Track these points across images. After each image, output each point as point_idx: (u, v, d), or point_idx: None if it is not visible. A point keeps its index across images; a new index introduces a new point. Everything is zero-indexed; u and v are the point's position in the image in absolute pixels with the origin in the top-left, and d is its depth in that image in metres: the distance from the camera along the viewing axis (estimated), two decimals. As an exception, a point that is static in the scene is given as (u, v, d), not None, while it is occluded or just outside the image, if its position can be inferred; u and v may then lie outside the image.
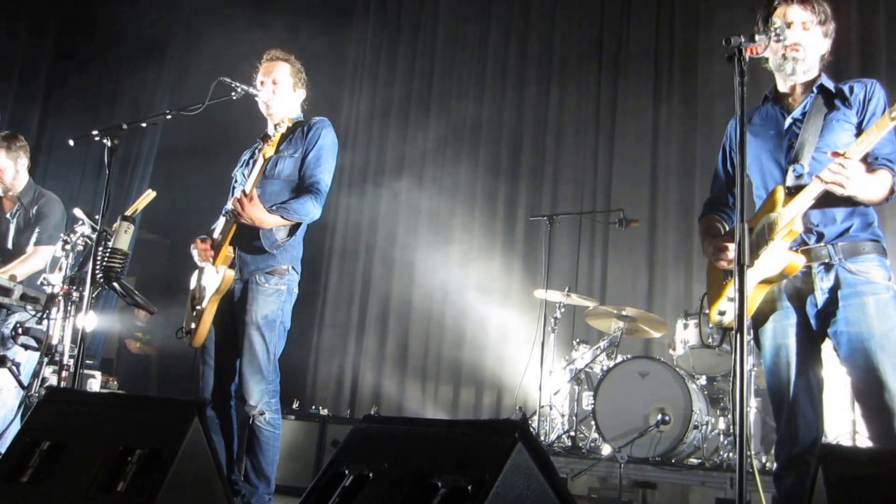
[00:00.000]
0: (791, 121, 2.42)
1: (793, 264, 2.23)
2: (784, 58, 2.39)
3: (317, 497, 1.94)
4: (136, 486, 1.99)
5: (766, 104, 2.53)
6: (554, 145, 6.85)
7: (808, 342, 2.33)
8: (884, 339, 2.18)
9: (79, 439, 2.17)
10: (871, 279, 2.24)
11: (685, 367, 4.56)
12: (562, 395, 5.11)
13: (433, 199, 7.13)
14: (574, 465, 4.29)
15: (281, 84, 2.99)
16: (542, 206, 6.66)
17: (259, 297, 2.78)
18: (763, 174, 2.45)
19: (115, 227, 2.75)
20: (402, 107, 7.55)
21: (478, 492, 1.57)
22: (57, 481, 2.10)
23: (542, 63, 7.07)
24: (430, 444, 1.85)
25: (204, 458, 2.09)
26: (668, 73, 6.48)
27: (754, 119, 2.51)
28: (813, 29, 2.40)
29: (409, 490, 1.71)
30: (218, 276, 2.74)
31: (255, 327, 2.77)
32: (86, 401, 2.51)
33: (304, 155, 2.89)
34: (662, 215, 6.24)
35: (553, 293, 5.24)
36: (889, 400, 2.15)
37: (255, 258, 2.82)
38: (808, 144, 2.32)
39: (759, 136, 2.45)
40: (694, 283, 5.94)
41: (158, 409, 2.24)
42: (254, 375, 2.75)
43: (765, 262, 2.27)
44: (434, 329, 6.95)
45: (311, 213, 2.85)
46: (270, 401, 2.80)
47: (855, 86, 2.40)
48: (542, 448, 1.70)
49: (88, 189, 5.17)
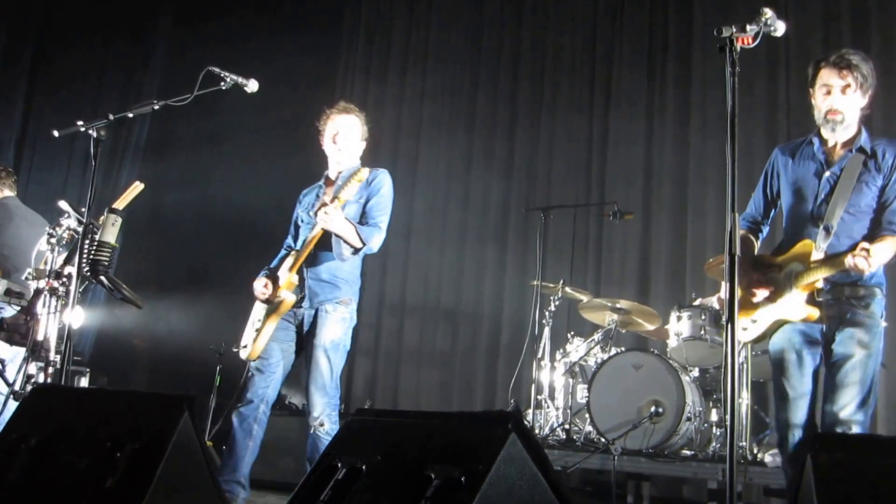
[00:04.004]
0: (829, 175, 2.74)
1: (811, 316, 2.63)
2: (826, 119, 2.74)
3: (310, 490, 1.94)
4: (125, 481, 1.97)
5: (811, 146, 2.83)
6: (548, 138, 6.84)
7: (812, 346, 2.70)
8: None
9: (66, 435, 2.15)
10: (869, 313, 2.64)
11: (678, 359, 4.57)
12: (556, 387, 5.11)
13: (427, 192, 7.11)
14: (568, 457, 4.30)
15: (352, 136, 3.31)
16: (537, 198, 6.65)
17: (328, 323, 3.14)
18: (793, 213, 2.81)
19: (103, 220, 2.72)
20: (396, 100, 7.52)
21: (471, 483, 1.57)
22: (45, 479, 2.08)
23: (536, 56, 7.05)
24: (424, 435, 1.85)
25: (194, 453, 2.08)
26: (661, 66, 6.47)
27: (797, 158, 2.84)
28: (852, 93, 2.70)
29: (402, 482, 1.72)
30: (278, 299, 3.11)
31: (322, 350, 3.12)
32: (73, 397, 2.49)
33: (366, 201, 3.23)
34: (656, 208, 6.24)
35: (548, 285, 5.24)
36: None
37: (324, 290, 3.19)
38: (839, 206, 2.65)
39: (799, 178, 2.80)
40: (687, 275, 5.95)
41: (148, 405, 2.22)
42: (318, 391, 3.11)
43: (785, 304, 2.67)
44: (428, 323, 6.94)
45: (373, 243, 3.20)
46: (331, 413, 3.14)
47: (887, 151, 2.72)
48: (536, 439, 1.71)
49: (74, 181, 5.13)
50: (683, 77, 6.31)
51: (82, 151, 6.12)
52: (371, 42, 7.88)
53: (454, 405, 6.58)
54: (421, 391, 6.81)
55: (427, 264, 6.89)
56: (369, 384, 6.88)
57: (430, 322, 6.92)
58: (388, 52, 7.74)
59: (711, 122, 6.01)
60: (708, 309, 4.64)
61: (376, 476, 1.81)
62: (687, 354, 4.58)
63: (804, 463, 1.64)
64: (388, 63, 7.70)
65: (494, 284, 6.74)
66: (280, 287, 3.12)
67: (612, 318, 4.96)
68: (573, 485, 5.11)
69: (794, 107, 5.81)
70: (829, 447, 1.61)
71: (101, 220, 2.70)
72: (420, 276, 6.91)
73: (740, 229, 2.77)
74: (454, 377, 6.77)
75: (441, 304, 6.86)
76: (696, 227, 6.01)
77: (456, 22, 7.45)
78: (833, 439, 1.72)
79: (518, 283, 6.55)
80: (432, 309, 6.90)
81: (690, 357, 4.61)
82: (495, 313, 6.67)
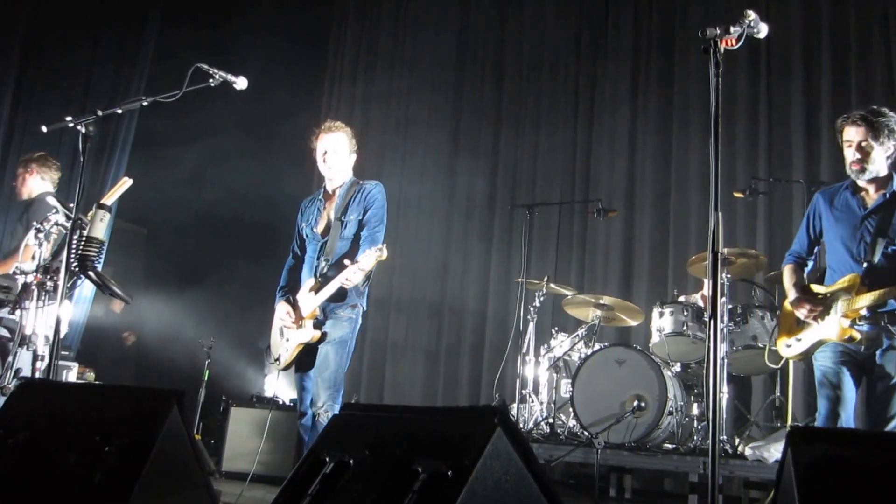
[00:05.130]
0: (867, 218, 3.11)
1: (854, 337, 3.01)
2: (851, 169, 3.09)
3: (297, 485, 1.95)
4: (114, 476, 1.97)
5: (847, 191, 3.19)
6: (533, 137, 6.88)
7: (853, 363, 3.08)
8: None
9: (54, 430, 2.15)
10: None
11: (660, 354, 4.63)
12: (540, 382, 5.16)
13: (413, 189, 7.13)
14: (552, 451, 4.35)
15: (340, 153, 3.54)
16: (522, 196, 6.70)
17: (337, 323, 3.41)
18: (837, 254, 3.18)
19: (91, 216, 2.71)
20: (383, 97, 7.53)
21: (458, 477, 1.59)
22: (33, 474, 2.08)
23: (521, 56, 7.08)
24: (411, 430, 1.87)
25: (183, 448, 2.08)
26: (645, 65, 6.52)
27: (836, 203, 3.22)
28: (875, 145, 3.04)
29: (389, 476, 1.73)
30: (306, 331, 3.40)
31: (331, 346, 3.38)
32: (61, 391, 2.48)
33: (363, 214, 3.49)
34: (639, 206, 6.30)
35: (532, 282, 5.28)
36: None
37: (333, 302, 3.44)
38: (879, 245, 3.03)
39: (840, 221, 3.17)
40: (669, 271, 6.02)
41: (136, 400, 2.22)
42: (324, 383, 3.35)
43: (829, 327, 3.06)
44: (414, 318, 6.96)
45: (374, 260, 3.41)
46: (333, 405, 3.35)
47: None
48: (521, 434, 1.72)
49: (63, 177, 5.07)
50: (666, 77, 6.37)
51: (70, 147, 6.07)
52: (358, 40, 7.87)
53: (439, 400, 6.61)
54: (406, 386, 6.84)
55: (413, 260, 6.91)
56: (356, 379, 6.90)
57: (416, 317, 6.94)
58: (374, 50, 7.74)
59: (694, 121, 6.08)
60: (690, 305, 4.70)
61: (364, 470, 1.82)
62: (669, 350, 4.64)
63: (784, 458, 1.65)
64: (374, 61, 7.70)
65: (480, 280, 6.78)
66: (304, 318, 3.42)
67: (595, 314, 5.01)
68: (557, 478, 5.17)
69: (775, 106, 5.89)
70: (810, 441, 1.63)
71: (89, 215, 2.70)
72: (406, 272, 6.93)
73: (787, 264, 3.37)
74: (439, 372, 6.80)
75: (427, 299, 6.88)
76: (678, 224, 6.08)
77: (442, 20, 7.45)
78: (813, 433, 1.73)
79: (503, 280, 6.59)
80: (418, 304, 6.92)
81: (672, 352, 4.67)
82: (480, 309, 6.71)
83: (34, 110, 6.33)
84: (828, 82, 5.69)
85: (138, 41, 6.74)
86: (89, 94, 6.56)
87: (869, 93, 5.51)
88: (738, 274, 4.80)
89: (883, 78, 5.51)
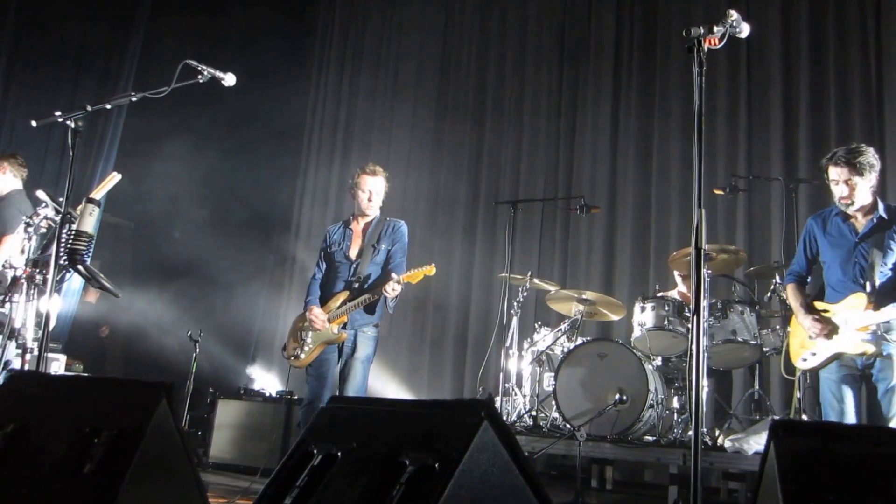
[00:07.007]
0: (860, 242, 3.42)
1: (867, 350, 3.29)
2: (840, 203, 3.41)
3: (286, 476, 1.97)
4: (103, 468, 1.98)
5: (837, 217, 3.49)
6: (517, 134, 6.92)
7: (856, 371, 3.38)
8: None
9: (43, 421, 2.15)
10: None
11: (642, 348, 4.70)
12: (523, 375, 5.21)
13: (398, 185, 7.13)
14: (535, 443, 4.40)
15: (381, 195, 4.22)
16: (505, 192, 6.74)
17: (364, 343, 3.99)
18: (835, 275, 3.45)
19: (80, 210, 2.71)
20: (368, 93, 7.53)
21: (445, 469, 1.61)
22: (22, 464, 2.08)
23: (505, 53, 7.11)
24: (398, 423, 1.89)
25: (171, 439, 2.09)
26: (627, 64, 6.58)
27: (829, 228, 3.53)
28: (858, 181, 3.34)
29: (377, 468, 1.74)
30: (331, 331, 3.95)
31: (360, 363, 3.94)
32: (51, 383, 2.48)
33: (392, 244, 4.15)
34: (621, 202, 6.37)
35: (516, 277, 5.34)
36: None
37: (362, 317, 4.02)
38: (877, 265, 3.34)
39: (834, 247, 3.48)
40: (650, 267, 6.10)
41: (125, 391, 2.23)
42: (353, 393, 3.87)
43: (843, 341, 3.34)
44: (398, 312, 6.96)
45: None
46: None
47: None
48: (508, 427, 1.74)
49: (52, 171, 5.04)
50: (648, 75, 6.43)
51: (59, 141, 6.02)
52: (345, 37, 7.87)
53: (424, 393, 6.65)
54: (391, 379, 6.87)
55: (398, 254, 6.92)
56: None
57: (400, 312, 6.96)
58: (360, 46, 7.74)
59: (675, 119, 6.15)
60: (671, 300, 4.77)
61: (352, 462, 1.84)
62: (650, 344, 4.71)
63: (767, 450, 1.67)
64: (361, 57, 7.71)
65: (464, 275, 6.81)
66: (332, 322, 3.96)
67: (578, 309, 5.07)
68: (539, 469, 5.24)
69: (754, 105, 5.97)
70: (791, 434, 1.64)
71: (78, 209, 2.70)
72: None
73: (790, 283, 3.64)
74: (424, 365, 6.85)
75: (412, 293, 6.89)
76: (659, 221, 6.16)
77: (427, 19, 7.46)
78: (795, 426, 1.74)
79: (487, 275, 6.64)
80: (402, 299, 6.91)
81: (654, 346, 4.74)
82: (464, 303, 6.75)
83: (23, 103, 6.27)
84: (806, 81, 5.78)
85: (127, 37, 6.69)
86: (78, 86, 6.50)
87: (846, 92, 5.61)
88: (719, 270, 4.88)
89: (860, 77, 5.60)
